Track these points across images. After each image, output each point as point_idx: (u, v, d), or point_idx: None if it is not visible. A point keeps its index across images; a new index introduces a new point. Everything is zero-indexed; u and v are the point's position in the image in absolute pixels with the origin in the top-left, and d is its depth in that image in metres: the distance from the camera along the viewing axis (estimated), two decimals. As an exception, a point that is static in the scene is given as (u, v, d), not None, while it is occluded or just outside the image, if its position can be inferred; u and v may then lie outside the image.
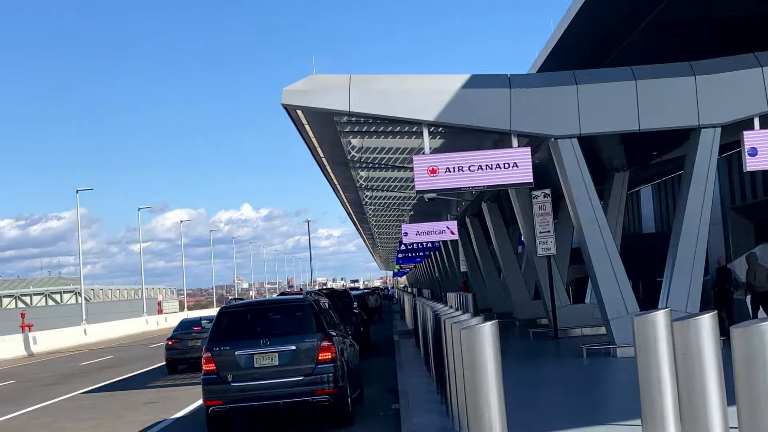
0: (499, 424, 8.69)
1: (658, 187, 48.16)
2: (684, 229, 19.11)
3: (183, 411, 17.44)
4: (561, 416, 11.88)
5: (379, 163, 28.28)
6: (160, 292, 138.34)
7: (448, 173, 18.05)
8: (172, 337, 27.76)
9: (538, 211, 24.63)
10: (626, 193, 29.27)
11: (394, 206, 45.57)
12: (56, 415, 18.67)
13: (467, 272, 48.23)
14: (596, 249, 19.35)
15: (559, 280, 27.27)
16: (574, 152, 19.08)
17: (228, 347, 13.43)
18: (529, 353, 21.82)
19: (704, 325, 7.20)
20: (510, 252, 35.46)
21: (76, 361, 37.85)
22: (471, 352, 8.76)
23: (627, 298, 19.23)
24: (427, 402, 14.09)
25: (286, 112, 19.49)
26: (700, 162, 18.93)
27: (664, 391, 8.39)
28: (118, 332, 64.46)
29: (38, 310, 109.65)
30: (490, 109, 18.70)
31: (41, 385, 26.48)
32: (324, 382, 13.25)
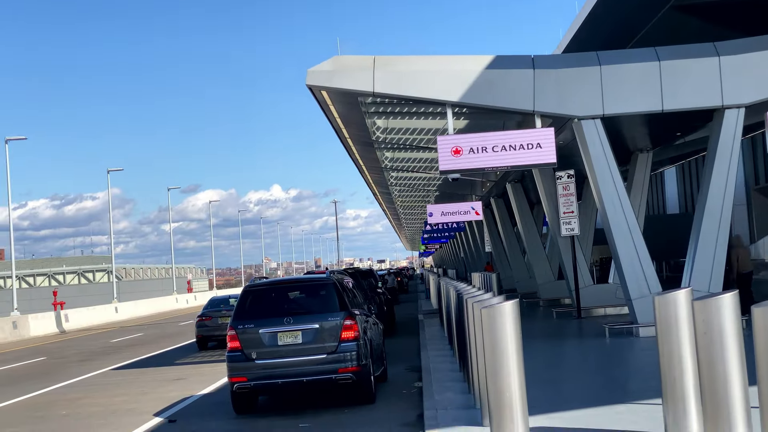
0: (519, 402, 8.84)
1: (682, 168, 47.97)
2: (707, 209, 19.13)
3: (209, 388, 17.72)
4: (582, 395, 12.02)
5: (403, 144, 28.38)
6: (190, 271, 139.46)
7: (471, 153, 18.14)
8: (203, 315, 28.18)
9: (561, 191, 24.67)
10: (650, 174, 29.20)
11: (420, 187, 45.65)
12: (86, 391, 19.03)
13: (492, 252, 48.31)
14: (619, 229, 19.42)
15: (583, 260, 27.34)
16: (597, 133, 19.12)
17: (252, 325, 13.64)
18: (552, 333, 21.95)
19: (725, 304, 7.29)
20: (534, 233, 35.52)
21: (107, 338, 38.37)
22: (492, 331, 8.91)
23: (650, 278, 19.30)
24: (449, 380, 14.26)
25: (312, 93, 19.64)
26: (723, 143, 18.91)
27: (685, 371, 8.51)
28: (149, 310, 65.17)
29: (71, 289, 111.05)
30: (514, 90, 18.77)
31: (72, 362, 26.93)
32: (347, 360, 13.43)
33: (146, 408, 15.69)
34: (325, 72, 18.78)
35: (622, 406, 10.70)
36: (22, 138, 50.88)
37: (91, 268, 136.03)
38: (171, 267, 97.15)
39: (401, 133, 26.65)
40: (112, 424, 14.21)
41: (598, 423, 9.73)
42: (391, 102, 21.95)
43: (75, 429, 14.06)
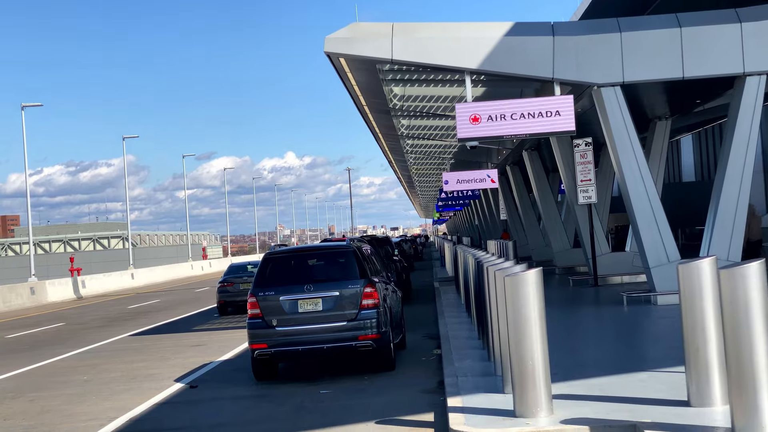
0: (542, 370, 8.88)
1: (698, 136, 47.66)
2: (727, 177, 19.03)
3: (228, 354, 17.84)
4: (604, 363, 12.04)
5: (420, 112, 28.29)
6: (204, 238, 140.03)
7: (490, 121, 18.08)
8: (224, 281, 28.56)
9: (579, 159, 24.58)
10: (668, 142, 29.04)
11: (435, 155, 45.57)
12: (105, 357, 19.19)
13: (507, 220, 48.27)
14: (638, 197, 19.35)
15: (600, 228, 27.28)
16: (617, 100, 19.01)
17: (273, 292, 13.69)
18: (569, 301, 21.97)
19: (752, 274, 7.29)
20: (550, 200, 35.43)
21: (124, 304, 38.64)
22: (515, 299, 8.93)
23: (668, 246, 19.26)
24: (468, 348, 14.31)
25: (329, 60, 19.57)
26: (744, 110, 18.77)
27: (708, 339, 8.51)
28: (164, 277, 65.53)
29: (86, 255, 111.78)
30: (533, 57, 18.64)
31: (90, 328, 27.14)
32: (367, 328, 13.48)
33: (166, 374, 15.82)
34: (343, 39, 18.70)
35: (645, 374, 10.71)
36: (38, 105, 51.03)
37: (106, 234, 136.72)
38: (186, 234, 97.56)
39: (418, 101, 26.57)
40: (133, 390, 14.34)
41: (622, 391, 9.76)
42: (409, 69, 21.86)
43: (97, 394, 14.19)
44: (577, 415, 8.76)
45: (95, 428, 11.40)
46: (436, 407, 10.73)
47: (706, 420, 8.14)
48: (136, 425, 11.50)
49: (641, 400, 9.22)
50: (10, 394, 15.00)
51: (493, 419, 8.96)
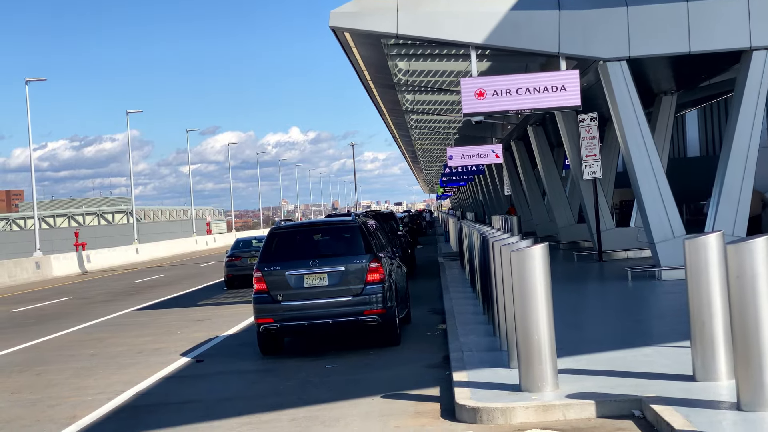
0: (548, 345, 8.91)
1: (704, 111, 47.51)
2: (732, 153, 19.00)
3: (234, 329, 17.90)
4: (609, 338, 12.07)
5: (425, 87, 28.22)
6: (208, 213, 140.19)
7: (495, 96, 18.03)
8: (232, 255, 29.04)
9: (584, 134, 24.53)
10: (673, 117, 28.97)
11: (440, 130, 45.49)
12: (112, 331, 19.27)
13: (511, 196, 48.26)
14: (643, 172, 19.33)
15: (604, 203, 27.27)
16: (623, 75, 18.94)
17: (278, 267, 13.71)
18: (574, 276, 22.00)
19: (759, 249, 7.29)
20: (555, 175, 35.41)
21: (129, 279, 38.75)
22: (521, 275, 8.94)
23: (673, 222, 19.26)
24: (473, 323, 14.35)
25: (334, 35, 19.50)
26: (750, 85, 18.71)
27: (714, 314, 8.54)
28: (168, 251, 65.65)
29: (91, 230, 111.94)
30: (539, 32, 18.57)
31: (96, 302, 27.24)
32: (372, 303, 13.51)
33: (173, 348, 15.89)
34: (348, 13, 18.62)
35: (649, 349, 10.74)
36: (42, 79, 50.92)
37: (111, 209, 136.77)
38: (190, 209, 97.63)
39: (423, 75, 26.49)
40: (140, 364, 14.41)
41: (627, 365, 9.79)
42: (414, 44, 21.80)
43: (104, 368, 14.26)
44: (582, 389, 8.81)
45: (102, 402, 11.47)
46: (441, 382, 10.77)
47: (711, 394, 8.17)
48: (143, 399, 11.57)
49: (646, 374, 9.26)
50: (18, 367, 15.08)
51: (498, 394, 9.00)
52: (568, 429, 8.05)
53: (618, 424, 8.08)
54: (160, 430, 9.61)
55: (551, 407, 8.40)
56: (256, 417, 9.83)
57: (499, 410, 8.48)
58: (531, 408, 8.43)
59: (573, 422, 8.24)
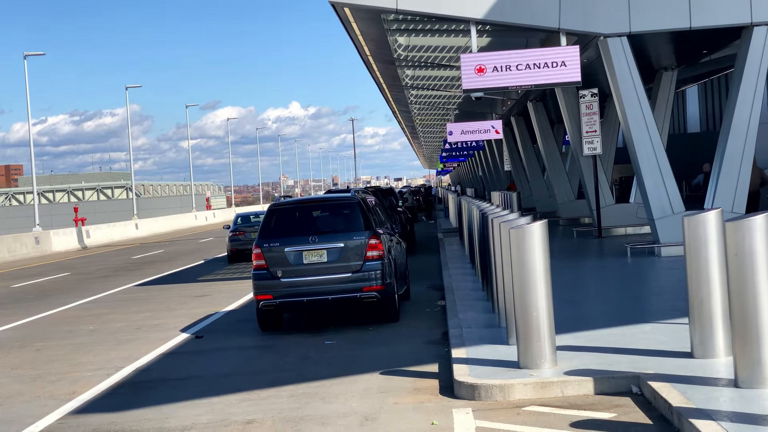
0: (546, 321, 8.93)
1: (704, 86, 47.37)
2: (732, 128, 18.96)
3: (233, 305, 17.94)
4: (607, 314, 12.09)
5: (425, 62, 28.11)
6: (208, 188, 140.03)
7: (495, 72, 17.95)
8: (236, 230, 29.93)
9: (584, 110, 24.46)
10: (674, 93, 28.89)
11: (440, 105, 45.38)
12: (111, 307, 19.30)
13: (511, 171, 48.22)
14: (643, 149, 19.30)
15: (604, 179, 27.25)
16: (623, 51, 18.87)
17: (277, 244, 13.71)
18: (573, 252, 22.01)
19: (758, 226, 7.29)
20: (555, 151, 35.35)
21: (128, 254, 38.79)
22: (520, 252, 8.94)
23: (673, 198, 19.25)
24: (472, 299, 14.37)
25: (334, 10, 19.40)
26: (751, 61, 18.64)
27: (712, 292, 8.55)
28: (168, 227, 65.68)
29: (90, 205, 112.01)
30: (540, 7, 18.47)
31: (95, 278, 27.28)
32: (372, 279, 13.52)
33: (172, 324, 15.93)
34: (347, -12, 18.49)
35: (648, 326, 10.76)
36: (40, 54, 50.79)
37: (110, 184, 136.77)
38: (190, 184, 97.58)
39: (423, 51, 26.39)
40: (139, 339, 14.44)
41: (625, 342, 9.81)
42: (414, 19, 21.69)
43: (103, 344, 14.30)
44: (580, 366, 8.83)
45: (102, 377, 11.50)
46: (440, 358, 10.80)
47: (709, 371, 8.20)
48: (142, 375, 11.60)
49: (644, 351, 9.28)
50: (17, 343, 15.12)
51: (497, 370, 9.03)
52: (566, 406, 8.08)
53: (616, 400, 8.11)
54: (159, 407, 9.64)
55: (549, 384, 8.43)
56: (255, 393, 9.87)
57: (498, 387, 8.51)
58: (529, 385, 8.45)
59: (571, 399, 8.27)
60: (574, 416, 7.75)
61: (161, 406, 9.64)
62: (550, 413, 7.92)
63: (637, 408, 7.84)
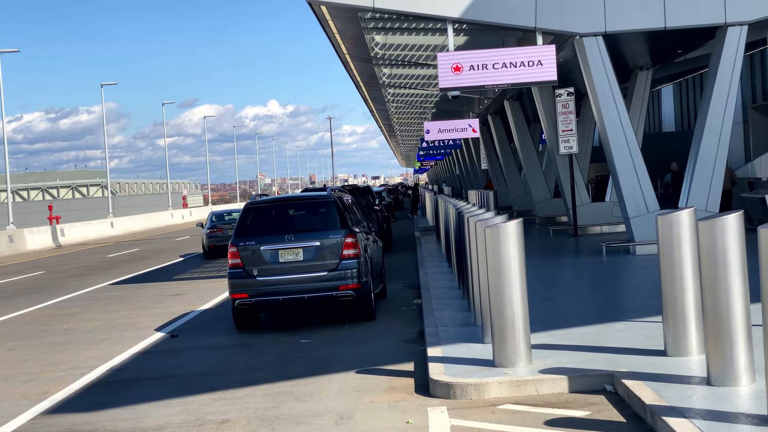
0: (522, 320, 8.95)
1: (679, 86, 47.69)
2: (707, 128, 19.09)
3: (209, 304, 17.87)
4: (582, 313, 12.14)
5: (402, 60, 28.11)
6: (184, 186, 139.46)
7: (472, 71, 17.98)
8: (212, 227, 31.25)
9: (561, 109, 24.56)
10: (649, 92, 29.05)
11: (417, 104, 45.39)
12: (85, 306, 19.17)
13: (488, 170, 48.34)
14: (618, 148, 19.39)
15: (580, 178, 27.37)
16: (599, 50, 18.95)
17: (253, 242, 13.67)
18: (549, 250, 22.08)
19: (730, 225, 7.33)
20: (531, 150, 35.48)
21: (104, 253, 38.54)
22: (495, 250, 8.96)
23: (648, 197, 19.36)
24: (448, 298, 14.39)
25: (311, 8, 19.35)
26: (725, 61, 18.78)
27: (686, 289, 8.60)
28: (144, 225, 65.29)
29: (65, 203, 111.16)
30: (516, 6, 18.51)
31: (70, 276, 27.09)
32: (348, 278, 13.51)
33: (147, 323, 15.84)
34: (324, -14, 18.46)
35: (622, 324, 10.82)
36: (15, 51, 50.35)
37: (85, 182, 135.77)
38: (166, 182, 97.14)
39: (400, 50, 26.38)
40: (113, 339, 14.35)
41: (599, 340, 9.86)
42: (391, 17, 21.68)
43: (77, 343, 14.20)
44: (555, 364, 8.86)
45: (76, 377, 11.42)
46: (416, 357, 10.81)
47: (682, 369, 8.25)
48: (116, 374, 11.53)
49: (619, 349, 9.33)
50: (-10, 343, 14.98)
51: (472, 369, 9.04)
52: (541, 404, 8.11)
53: (590, 399, 8.14)
54: (133, 406, 9.59)
55: (524, 382, 8.45)
56: (230, 392, 9.83)
57: (473, 385, 8.52)
58: (504, 383, 8.47)
59: (546, 397, 8.30)
60: (548, 414, 7.77)
61: (135, 406, 9.59)
62: (524, 411, 7.94)
63: (611, 406, 7.87)
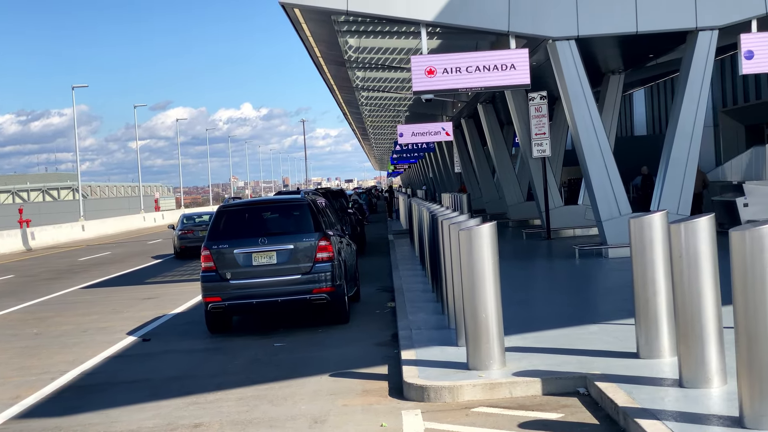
0: (495, 323, 8.97)
1: (651, 90, 48.04)
2: (678, 132, 19.24)
3: (181, 307, 17.77)
4: (556, 315, 12.18)
5: (376, 64, 28.12)
6: (157, 189, 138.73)
7: (445, 74, 18.02)
8: (184, 228, 32.52)
9: (534, 113, 24.65)
10: (621, 96, 29.25)
11: (390, 107, 45.42)
12: (56, 310, 19.01)
13: (462, 173, 48.43)
14: (591, 151, 19.50)
15: (553, 181, 27.49)
16: (572, 54, 19.05)
17: (226, 245, 13.61)
18: (522, 253, 22.16)
19: (702, 228, 7.38)
20: (504, 153, 35.59)
21: (75, 256, 38.22)
22: (469, 253, 8.97)
23: (620, 200, 19.48)
24: (422, 301, 14.40)
25: (284, 11, 19.31)
26: (696, 65, 18.94)
27: (658, 292, 8.65)
28: (116, 228, 64.83)
29: (35, 206, 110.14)
30: (489, 10, 18.57)
31: (40, 280, 26.84)
32: (321, 281, 13.48)
33: (119, 327, 15.72)
34: (297, -11, 18.41)
35: (595, 326, 10.87)
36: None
37: (56, 185, 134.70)
38: (138, 185, 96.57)
39: (374, 53, 26.39)
40: (84, 343, 14.24)
41: (573, 343, 9.89)
42: (365, 21, 21.68)
43: (48, 347, 14.07)
44: (528, 367, 8.88)
45: (47, 381, 11.32)
46: (389, 360, 10.80)
47: (654, 371, 8.30)
48: (88, 378, 11.44)
49: (592, 352, 9.37)
50: (-40, 347, 14.81)
51: (446, 372, 9.05)
52: (515, 406, 8.12)
53: (563, 401, 8.17)
54: (105, 411, 9.51)
55: (498, 385, 8.47)
56: (203, 396, 9.78)
57: (447, 388, 8.52)
58: (478, 386, 8.48)
59: (519, 400, 8.32)
60: (522, 417, 7.79)
61: (107, 411, 9.51)
62: (498, 414, 7.95)
63: (584, 408, 7.91)
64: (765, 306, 6.14)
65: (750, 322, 6.21)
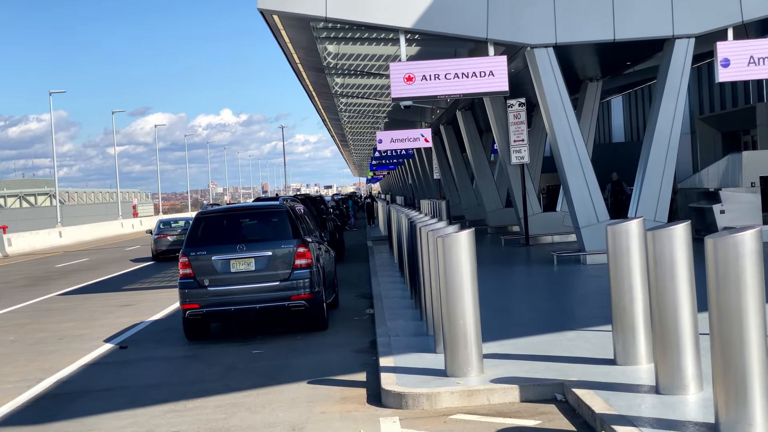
0: (473, 329, 8.98)
1: (628, 97, 48.30)
2: (655, 139, 19.37)
3: (159, 314, 17.68)
4: (533, 322, 12.21)
5: (355, 70, 28.13)
6: (135, 195, 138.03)
7: (424, 81, 18.06)
8: (160, 233, 34.28)
9: (512, 119, 24.74)
10: (599, 103, 29.39)
11: (369, 113, 45.40)
12: (33, 317, 18.88)
13: (440, 180, 48.52)
14: (569, 158, 19.59)
15: (531, 188, 27.58)
16: (550, 62, 19.14)
17: (204, 252, 13.57)
18: (500, 260, 22.20)
19: (678, 235, 7.43)
20: (483, 160, 35.70)
21: (52, 263, 37.98)
22: (447, 260, 8.98)
23: (598, 207, 19.57)
24: (401, 307, 14.40)
25: (263, 17, 19.29)
26: (673, 73, 19.07)
27: (635, 298, 8.70)
28: (93, 235, 64.50)
29: (12, 212, 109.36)
30: (468, 17, 18.63)
31: (17, 287, 26.65)
32: (300, 288, 13.46)
33: (96, 334, 15.63)
34: (276, -5, 18.39)
35: (573, 333, 10.91)
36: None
37: (33, 191, 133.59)
38: (116, 191, 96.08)
39: (352, 59, 26.39)
40: (61, 350, 14.14)
41: (550, 350, 9.92)
42: (344, 27, 21.69)
43: (24, 354, 13.96)
44: (506, 374, 8.90)
45: (22, 389, 11.23)
46: (368, 367, 10.79)
47: (631, 378, 8.33)
48: (64, 386, 11.36)
49: (569, 358, 9.40)
50: (-66, 355, 14.67)
51: (424, 378, 9.05)
52: (492, 413, 8.13)
53: (541, 408, 8.19)
54: (81, 419, 9.45)
55: (476, 392, 8.48)
56: (180, 404, 9.73)
57: (425, 395, 8.53)
58: (456, 393, 8.49)
59: (497, 407, 8.33)
60: (499, 424, 7.80)
61: (83, 419, 9.45)
62: (476, 421, 7.96)
63: (561, 415, 7.93)
64: (740, 313, 6.18)
65: (724, 328, 6.24)
